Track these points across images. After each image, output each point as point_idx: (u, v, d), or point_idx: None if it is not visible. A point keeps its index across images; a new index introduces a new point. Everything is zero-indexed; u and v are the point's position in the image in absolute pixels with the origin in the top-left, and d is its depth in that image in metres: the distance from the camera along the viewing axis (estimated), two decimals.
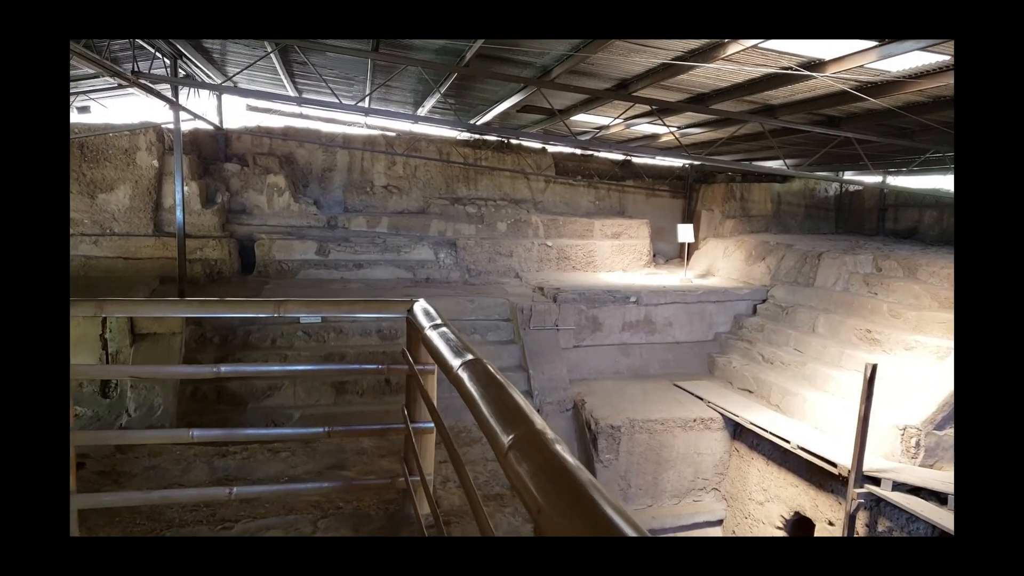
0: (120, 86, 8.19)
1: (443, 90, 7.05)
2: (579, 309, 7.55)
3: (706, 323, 8.10)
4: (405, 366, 2.40)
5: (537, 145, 12.24)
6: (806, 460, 5.43)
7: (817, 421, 5.93)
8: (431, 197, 10.96)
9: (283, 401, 6.35)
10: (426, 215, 10.61)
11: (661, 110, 6.75)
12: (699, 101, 6.54)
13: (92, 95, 8.82)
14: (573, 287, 8.09)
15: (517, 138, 11.12)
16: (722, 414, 6.41)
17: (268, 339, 6.82)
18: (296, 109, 11.48)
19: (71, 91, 8.85)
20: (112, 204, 8.15)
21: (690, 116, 7.76)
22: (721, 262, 9.96)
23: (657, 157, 12.44)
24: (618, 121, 8.13)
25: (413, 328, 2.29)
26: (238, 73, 8.65)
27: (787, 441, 5.54)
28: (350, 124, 11.78)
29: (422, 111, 10.81)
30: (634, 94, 6.20)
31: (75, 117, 9.60)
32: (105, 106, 9.72)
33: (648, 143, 10.61)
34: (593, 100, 7.31)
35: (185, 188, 8.37)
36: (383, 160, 10.82)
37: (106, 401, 5.78)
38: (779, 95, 6.16)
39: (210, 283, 8.22)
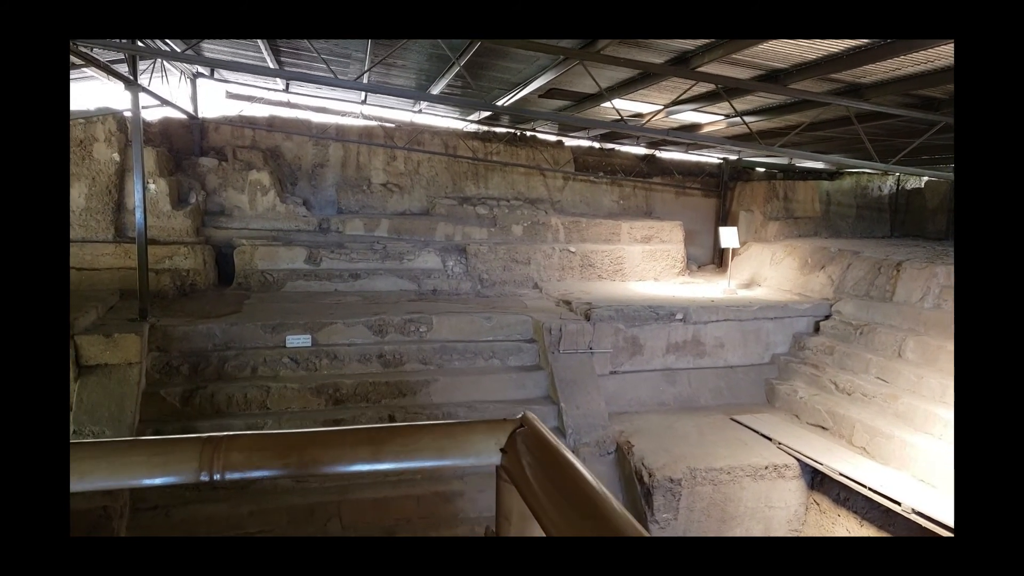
0: (73, 66, 7.25)
1: (462, 63, 6.09)
2: (616, 328, 6.62)
3: (762, 344, 7.17)
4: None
5: (553, 138, 11.34)
6: (917, 524, 4.50)
7: (922, 471, 5.00)
8: (436, 196, 10.04)
9: None
10: (431, 217, 9.68)
11: (727, 90, 5.83)
12: (773, 79, 5.61)
13: None
14: (606, 301, 7.15)
15: (560, 123, 10.17)
16: (798, 459, 5.48)
17: (247, 367, 5.87)
18: (283, 97, 10.56)
19: None
20: None
21: (751, 100, 6.84)
22: (768, 270, 9.05)
23: (710, 150, 11.56)
24: (658, 108, 7.23)
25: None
26: (212, 50, 7.70)
27: (896, 503, 4.60)
28: (344, 115, 10.87)
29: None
30: (697, 70, 5.26)
31: None
32: None
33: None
34: (637, 81, 6.39)
35: (152, 186, 7.43)
36: (382, 155, 9.89)
37: None
38: (878, 70, 5.23)
39: (181, 297, 7.27)
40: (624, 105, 7.56)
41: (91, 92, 9.36)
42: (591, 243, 9.47)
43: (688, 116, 8.15)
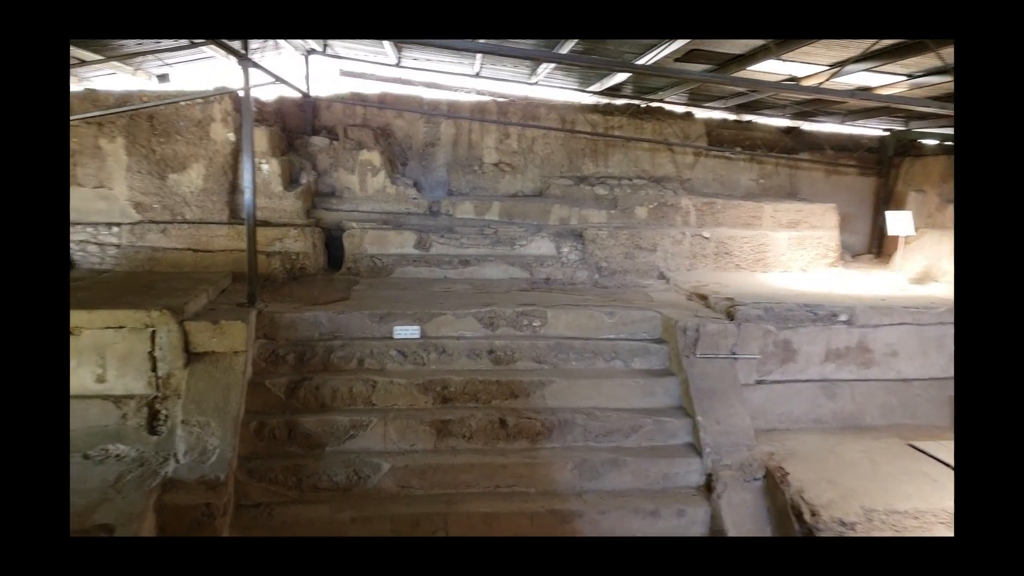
0: (192, 44, 7.39)
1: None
2: (765, 330, 5.83)
3: (945, 354, 6.09)
4: None
5: (681, 109, 10.46)
6: None
7: None
8: (551, 176, 9.53)
9: (370, 444, 5.19)
10: (545, 199, 9.20)
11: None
12: None
13: (163, 56, 8.13)
14: (751, 296, 6.35)
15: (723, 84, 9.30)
16: None
17: (354, 358, 5.69)
18: (394, 73, 10.43)
19: (144, 52, 8.20)
20: (184, 186, 7.37)
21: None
22: (948, 263, 7.78)
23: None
24: (820, 68, 6.26)
25: None
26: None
27: None
28: (456, 90, 10.60)
29: (544, 70, 9.38)
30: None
31: (152, 85, 9.05)
32: (167, 67, 9.07)
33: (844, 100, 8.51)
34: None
35: (264, 166, 7.47)
36: (494, 132, 9.50)
37: (153, 439, 4.85)
38: None
39: (291, 281, 7.27)
40: (778, 66, 6.65)
41: (210, 72, 9.67)
42: (727, 228, 8.59)
43: (856, 78, 7.06)
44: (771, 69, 6.99)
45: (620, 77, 9.39)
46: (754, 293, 6.65)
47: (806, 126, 10.77)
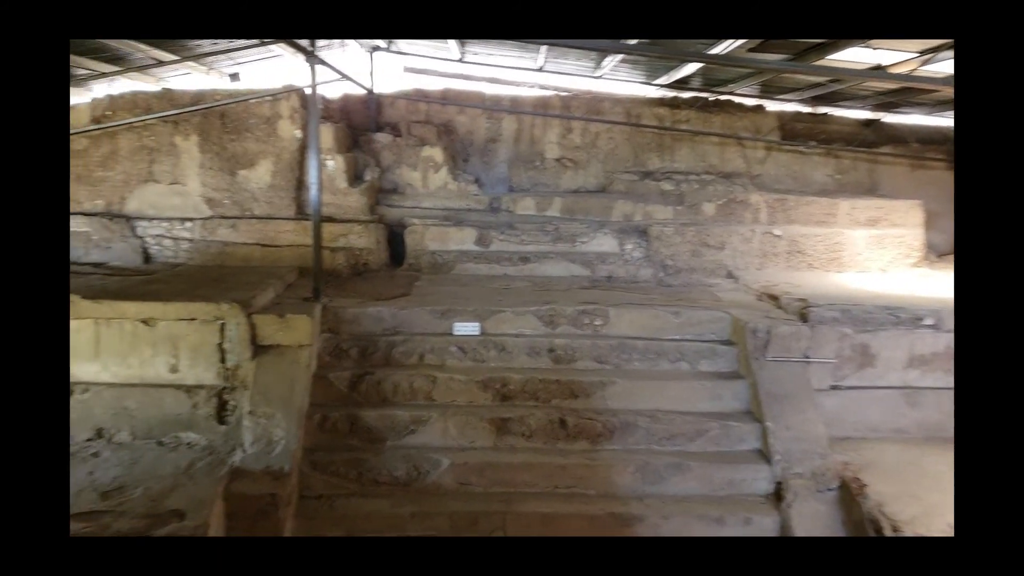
0: (262, 43, 7.62)
1: None
2: (841, 333, 5.56)
3: None
4: None
5: (752, 101, 10.12)
6: None
7: None
8: (614, 171, 9.39)
9: (429, 439, 5.23)
10: (608, 195, 9.06)
11: None
12: None
13: (234, 55, 8.43)
14: (826, 298, 6.06)
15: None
16: None
17: (415, 354, 5.74)
18: (457, 68, 10.50)
19: (217, 51, 8.52)
20: (252, 182, 7.63)
21: None
22: None
23: None
24: (912, 56, 5.91)
25: None
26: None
27: None
28: (518, 84, 10.59)
29: (610, 62, 9.25)
30: None
31: (224, 84, 9.40)
32: (238, 66, 9.39)
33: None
34: None
35: (330, 162, 7.64)
36: (557, 127, 9.43)
37: (221, 428, 5.03)
38: None
39: (354, 277, 7.42)
40: (861, 54, 6.32)
41: (277, 70, 9.98)
42: (800, 225, 8.25)
43: (950, 65, 6.65)
44: (854, 57, 6.65)
45: (689, 69, 9.14)
46: (829, 294, 6.36)
47: (888, 118, 10.23)
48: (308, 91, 5.78)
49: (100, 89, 8.70)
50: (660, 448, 5.22)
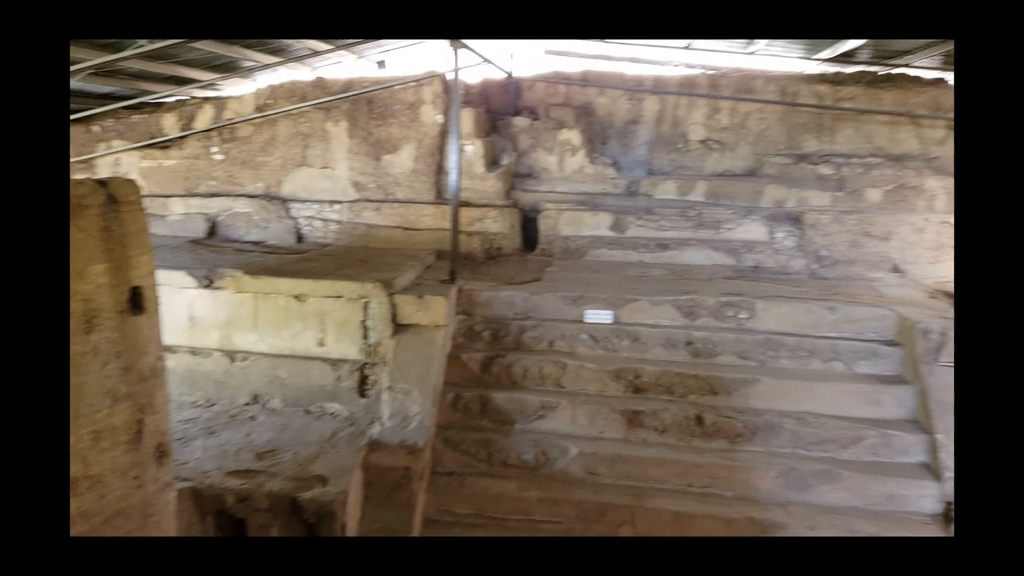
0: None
1: None
2: None
3: None
4: None
5: (930, 74, 9.09)
6: None
7: None
8: (765, 154, 8.84)
9: (557, 426, 5.25)
10: (757, 179, 8.56)
11: None
12: None
13: (382, 42, 8.85)
14: None
15: None
16: None
17: (544, 339, 5.78)
18: (598, 49, 10.36)
19: (360, 42, 9.00)
20: (396, 167, 8.01)
21: None
22: None
23: None
24: None
25: None
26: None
27: None
28: (662, 63, 10.25)
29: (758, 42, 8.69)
30: None
31: (371, 71, 9.93)
32: (385, 53, 9.83)
33: None
34: None
35: (468, 147, 7.83)
36: (703, 107, 9.02)
37: (362, 401, 5.36)
38: None
39: (488, 261, 7.59)
40: None
41: (420, 56, 10.38)
42: None
43: None
44: None
45: (856, 41, 8.39)
46: None
47: None
48: (450, 76, 5.95)
49: (263, 79, 9.51)
50: (807, 453, 4.89)
